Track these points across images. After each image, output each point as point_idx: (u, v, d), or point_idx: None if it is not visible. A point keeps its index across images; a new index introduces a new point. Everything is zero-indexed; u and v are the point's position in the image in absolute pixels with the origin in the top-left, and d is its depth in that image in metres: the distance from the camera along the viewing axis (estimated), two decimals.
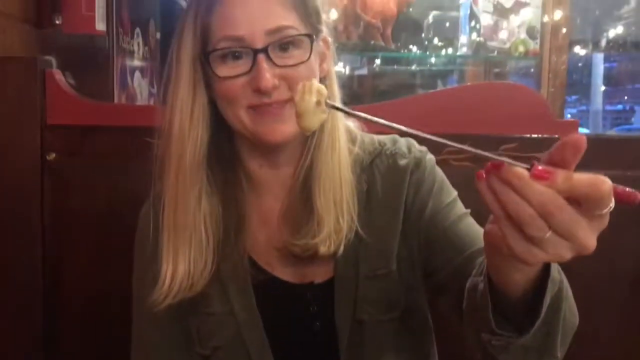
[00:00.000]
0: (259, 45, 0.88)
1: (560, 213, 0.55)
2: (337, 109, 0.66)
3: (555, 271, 0.69)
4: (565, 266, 0.67)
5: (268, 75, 0.87)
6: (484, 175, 0.58)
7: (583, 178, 0.55)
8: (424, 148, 1.04)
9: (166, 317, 0.97)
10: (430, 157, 1.03)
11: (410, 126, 0.88)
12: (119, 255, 1.09)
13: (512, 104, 1.42)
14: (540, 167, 0.55)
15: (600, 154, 1.38)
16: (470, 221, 0.98)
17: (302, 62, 0.90)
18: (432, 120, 1.37)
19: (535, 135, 1.38)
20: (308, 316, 0.99)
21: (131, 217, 1.07)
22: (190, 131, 0.93)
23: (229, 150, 1.00)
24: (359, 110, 0.69)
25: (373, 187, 1.00)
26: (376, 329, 0.98)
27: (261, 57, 0.88)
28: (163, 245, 0.95)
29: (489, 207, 0.59)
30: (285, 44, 0.90)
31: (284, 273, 1.00)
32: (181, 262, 0.93)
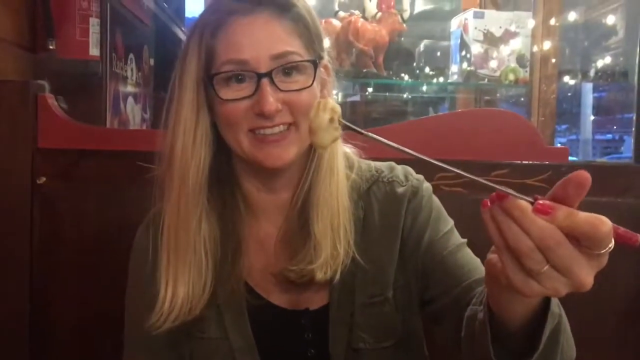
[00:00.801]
0: (263, 69, 0.89)
1: (559, 248, 0.56)
2: (350, 128, 0.66)
3: (555, 305, 0.70)
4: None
5: (271, 99, 0.88)
6: (489, 205, 0.60)
7: (584, 217, 0.55)
8: (420, 176, 1.04)
9: (160, 343, 0.96)
10: (427, 186, 1.03)
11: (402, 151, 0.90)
12: (109, 282, 1.08)
13: (503, 131, 1.43)
14: (542, 202, 0.56)
15: (592, 181, 1.39)
16: (468, 251, 0.99)
17: (306, 88, 0.91)
18: (424, 146, 1.35)
19: (526, 162, 1.39)
20: (302, 343, 0.98)
21: (122, 243, 1.06)
22: (193, 153, 0.93)
23: (227, 172, 1.01)
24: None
25: (370, 214, 1.00)
26: (371, 356, 0.97)
27: (265, 81, 0.89)
28: (162, 266, 0.94)
29: (491, 236, 0.60)
30: (289, 69, 0.91)
31: (280, 299, 1.00)
32: (181, 284, 0.93)
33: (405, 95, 3.06)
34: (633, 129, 1.52)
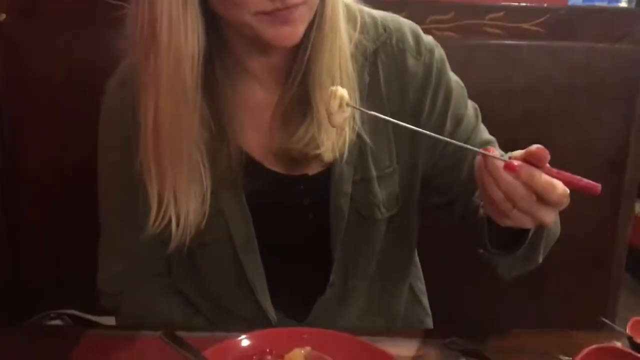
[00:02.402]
0: None
1: (521, 200, 0.67)
2: (357, 108, 0.81)
3: None
4: None
5: None
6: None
7: (542, 180, 0.66)
8: (430, 41, 0.94)
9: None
10: (440, 56, 0.94)
11: None
12: (79, 128, 1.03)
13: None
14: (510, 161, 0.66)
15: (591, 26, 1.33)
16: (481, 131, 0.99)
17: None
18: None
19: (523, 4, 1.31)
20: (301, 207, 0.95)
21: (91, 89, 0.97)
22: (185, 49, 0.78)
23: (217, 40, 0.86)
24: None
25: (375, 80, 0.92)
26: (371, 225, 0.96)
27: None
28: (152, 176, 0.85)
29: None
30: None
31: (276, 165, 0.93)
32: (183, 207, 0.86)
33: None
34: None
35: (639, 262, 2.83)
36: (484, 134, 0.99)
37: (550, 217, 0.70)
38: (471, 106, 0.98)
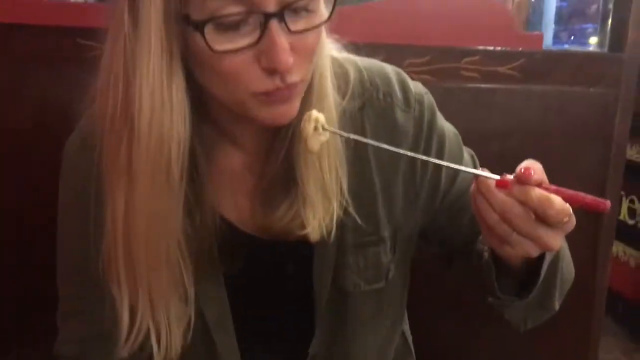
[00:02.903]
0: (272, 6, 0.63)
1: (517, 219, 0.62)
2: (334, 132, 0.72)
3: None
4: None
5: (286, 47, 0.64)
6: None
7: (536, 195, 0.60)
8: (420, 89, 0.87)
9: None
10: (429, 105, 0.86)
11: (365, 35, 0.82)
12: (50, 175, 0.97)
13: (476, 15, 1.36)
14: (502, 178, 0.62)
15: (565, 70, 1.35)
16: None
17: (320, 24, 0.68)
18: (392, 29, 1.30)
19: (499, 48, 1.32)
20: (283, 277, 0.87)
21: (64, 133, 0.93)
22: (170, 134, 0.66)
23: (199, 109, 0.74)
24: None
25: (361, 142, 0.81)
26: (358, 297, 0.87)
27: (274, 23, 0.63)
28: (133, 294, 0.74)
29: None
30: (299, 5, 0.65)
31: (256, 231, 0.83)
32: (162, 317, 0.75)
33: None
34: (609, 20, 1.46)
35: (618, 304, 2.86)
36: None
37: (555, 240, 0.63)
38: (467, 154, 0.91)
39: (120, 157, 0.67)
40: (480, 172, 0.64)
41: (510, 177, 0.62)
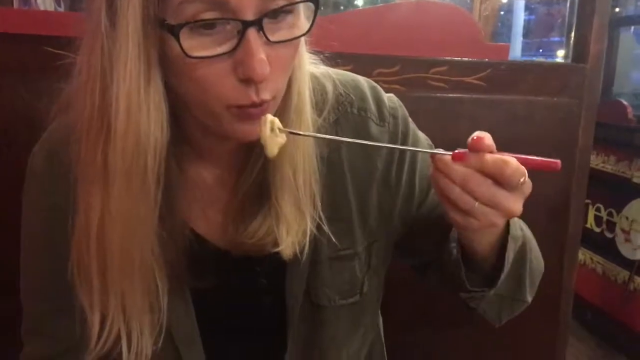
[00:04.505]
0: (250, 14, 0.61)
1: (479, 187, 0.63)
2: (291, 132, 0.71)
3: (516, 229, 0.77)
4: None
5: (263, 57, 0.62)
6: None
7: (491, 159, 0.63)
8: (393, 101, 0.87)
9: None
10: (403, 118, 0.87)
11: (335, 45, 0.83)
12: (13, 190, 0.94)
13: (443, 25, 1.39)
14: (457, 151, 0.64)
15: (529, 80, 1.38)
16: None
17: (300, 36, 0.67)
18: (360, 39, 1.32)
19: (466, 59, 1.35)
20: (255, 291, 0.85)
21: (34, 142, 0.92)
22: (147, 139, 0.65)
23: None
24: None
25: (336, 155, 0.82)
26: (331, 311, 0.86)
27: (252, 32, 0.62)
28: (104, 301, 0.73)
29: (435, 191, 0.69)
30: (278, 12, 0.64)
31: (227, 246, 0.82)
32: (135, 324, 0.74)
33: None
34: (572, 32, 1.50)
35: (586, 311, 2.91)
36: None
37: (516, 204, 0.65)
38: None
39: (97, 160, 0.66)
40: (436, 150, 0.66)
41: (464, 150, 0.64)
